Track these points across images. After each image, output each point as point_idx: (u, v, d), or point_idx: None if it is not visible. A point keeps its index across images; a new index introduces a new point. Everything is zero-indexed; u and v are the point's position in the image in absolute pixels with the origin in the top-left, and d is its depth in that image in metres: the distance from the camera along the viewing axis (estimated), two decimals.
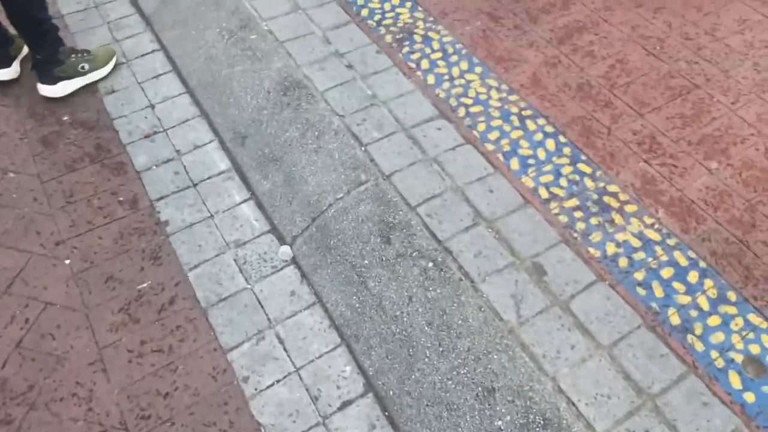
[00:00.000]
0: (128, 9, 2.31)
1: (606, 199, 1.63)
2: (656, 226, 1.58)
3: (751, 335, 1.38)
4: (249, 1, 2.15)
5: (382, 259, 1.50)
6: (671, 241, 1.54)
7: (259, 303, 1.55)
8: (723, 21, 2.11)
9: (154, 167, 1.84)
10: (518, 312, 1.41)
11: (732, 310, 1.41)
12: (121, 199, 1.76)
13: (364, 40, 2.06)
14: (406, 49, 2.03)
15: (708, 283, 1.46)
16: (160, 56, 2.15)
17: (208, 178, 1.82)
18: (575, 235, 1.56)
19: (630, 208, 1.61)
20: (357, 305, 1.48)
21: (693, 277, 1.47)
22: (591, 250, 1.53)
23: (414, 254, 1.50)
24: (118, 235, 1.68)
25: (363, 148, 1.76)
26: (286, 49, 2.01)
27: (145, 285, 1.58)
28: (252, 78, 1.93)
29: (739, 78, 1.93)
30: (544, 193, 1.65)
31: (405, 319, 1.41)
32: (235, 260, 1.64)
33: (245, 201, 1.77)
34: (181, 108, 2.00)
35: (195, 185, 1.80)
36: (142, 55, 2.15)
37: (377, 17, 2.14)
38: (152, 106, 2.00)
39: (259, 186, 1.77)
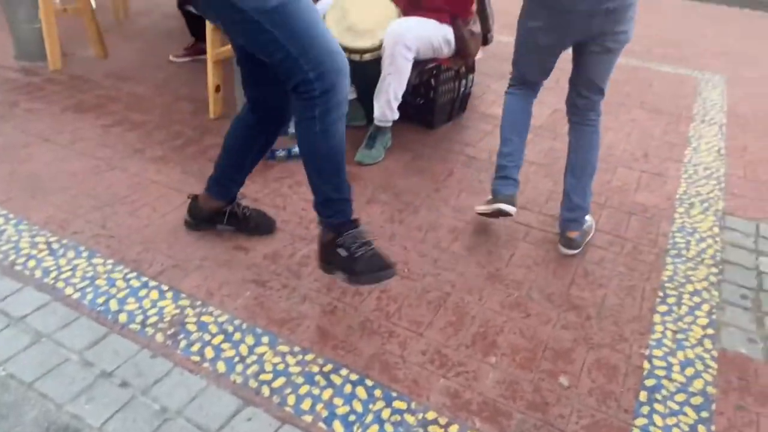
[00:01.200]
0: None
1: (431, 428, 1.71)
2: None
3: None
4: None
5: None
6: None
7: None
8: (440, 234, 2.59)
9: None
10: None
11: None
12: None
13: (132, 347, 1.88)
14: (183, 343, 1.92)
15: None
16: None
17: None
18: None
19: (453, 429, 1.71)
20: None
21: None
22: None
23: None
24: None
25: None
26: (38, 391, 1.69)
27: None
28: None
29: (471, 276, 2.35)
30: None
31: None
32: None
33: None
34: None
35: None
36: None
37: (139, 318, 2.00)
38: None
39: None
